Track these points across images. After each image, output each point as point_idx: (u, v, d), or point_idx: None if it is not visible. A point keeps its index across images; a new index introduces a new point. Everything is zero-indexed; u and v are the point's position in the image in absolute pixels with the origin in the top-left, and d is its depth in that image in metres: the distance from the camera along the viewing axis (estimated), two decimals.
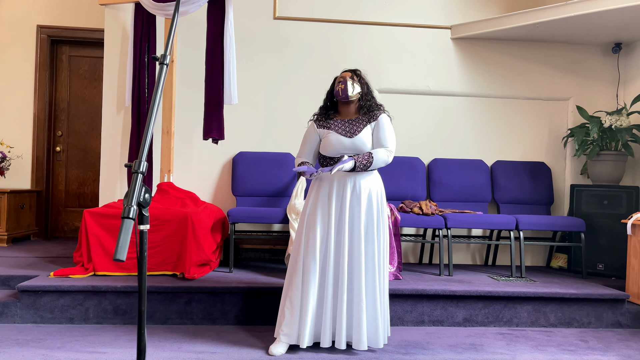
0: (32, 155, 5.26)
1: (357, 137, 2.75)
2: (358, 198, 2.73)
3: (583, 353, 2.91)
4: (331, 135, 2.78)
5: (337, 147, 2.75)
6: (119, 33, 4.40)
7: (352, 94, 2.78)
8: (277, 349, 2.70)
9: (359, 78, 2.84)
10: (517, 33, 4.41)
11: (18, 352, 2.60)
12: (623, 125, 4.14)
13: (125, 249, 1.08)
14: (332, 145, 2.76)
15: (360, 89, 2.83)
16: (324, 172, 2.71)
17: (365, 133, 2.78)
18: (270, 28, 4.49)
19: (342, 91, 2.78)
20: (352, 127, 2.79)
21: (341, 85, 2.79)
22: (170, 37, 1.41)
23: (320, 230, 2.71)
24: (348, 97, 2.78)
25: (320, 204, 2.75)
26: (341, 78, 2.83)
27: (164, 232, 3.46)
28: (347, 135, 2.76)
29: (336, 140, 2.75)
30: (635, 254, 3.57)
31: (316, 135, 2.87)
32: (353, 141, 2.74)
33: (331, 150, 2.76)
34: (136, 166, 1.22)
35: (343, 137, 2.75)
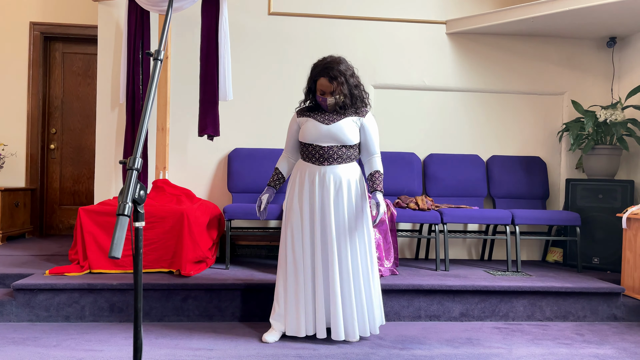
0: (26, 152, 5.23)
1: (335, 125, 2.74)
2: (340, 189, 2.74)
3: (579, 346, 2.92)
4: (309, 122, 2.79)
5: (313, 133, 2.75)
6: (112, 29, 4.37)
7: (332, 109, 2.77)
8: (270, 336, 2.80)
9: (340, 86, 2.71)
10: (513, 28, 4.41)
11: (14, 351, 2.59)
12: (618, 119, 4.15)
13: (120, 247, 1.08)
14: (309, 132, 2.76)
15: (336, 100, 2.74)
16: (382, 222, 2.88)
17: (345, 122, 2.75)
18: (265, 24, 4.47)
19: (324, 105, 2.77)
20: (332, 116, 2.78)
21: (322, 102, 2.75)
22: (164, 33, 1.40)
23: (305, 222, 2.74)
24: (327, 107, 2.77)
25: (304, 196, 2.76)
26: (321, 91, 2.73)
27: (159, 229, 3.44)
28: (325, 122, 2.75)
29: (313, 126, 2.76)
30: (630, 247, 3.58)
31: (297, 125, 2.88)
32: (329, 128, 2.73)
33: (308, 137, 2.76)
34: (131, 163, 1.21)
35: (320, 124, 2.75)
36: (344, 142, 2.74)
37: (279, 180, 2.92)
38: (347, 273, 2.71)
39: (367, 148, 2.85)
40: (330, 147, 2.74)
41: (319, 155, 2.75)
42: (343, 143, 2.75)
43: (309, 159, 2.79)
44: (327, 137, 2.74)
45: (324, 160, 2.74)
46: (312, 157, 2.77)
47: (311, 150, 2.77)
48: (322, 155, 2.74)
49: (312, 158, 2.77)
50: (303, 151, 2.83)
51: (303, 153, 2.84)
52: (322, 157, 2.74)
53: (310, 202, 2.75)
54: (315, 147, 2.75)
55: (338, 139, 2.73)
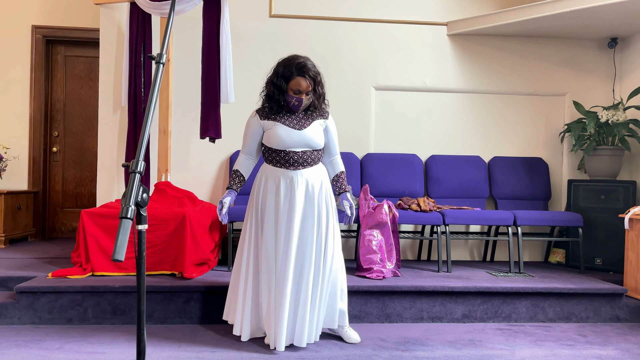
0: (29, 156, 5.24)
1: (306, 130, 2.72)
2: (314, 192, 2.72)
3: (582, 347, 2.92)
4: (278, 128, 2.70)
5: (285, 140, 2.68)
6: (114, 32, 4.38)
7: (305, 105, 2.74)
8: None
9: (314, 84, 2.71)
10: (514, 29, 4.41)
11: (17, 354, 2.60)
12: (620, 120, 4.14)
13: (123, 249, 1.08)
14: (280, 138, 2.68)
15: (313, 98, 2.74)
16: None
17: (314, 127, 2.75)
18: (266, 26, 4.48)
19: (296, 107, 2.71)
20: (301, 120, 2.75)
21: (296, 102, 2.69)
22: (166, 36, 1.41)
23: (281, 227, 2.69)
24: (299, 109, 2.74)
25: (278, 200, 2.71)
26: (297, 89, 2.68)
27: (161, 232, 3.45)
28: (296, 127, 2.72)
29: (285, 132, 2.69)
30: (632, 248, 3.58)
31: (259, 128, 2.78)
32: (302, 134, 2.70)
33: (281, 143, 2.68)
34: (133, 166, 1.21)
35: (291, 130, 2.70)
36: (315, 147, 2.74)
37: (240, 182, 2.84)
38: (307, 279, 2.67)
39: (329, 149, 2.87)
40: (303, 152, 2.71)
41: (293, 161, 2.70)
42: (314, 148, 2.75)
43: (279, 164, 2.72)
44: (300, 143, 2.70)
45: (298, 164, 2.71)
46: (284, 162, 2.71)
47: (283, 156, 2.70)
48: (295, 160, 2.70)
49: (284, 163, 2.71)
50: (271, 156, 2.74)
51: (271, 158, 2.75)
52: (296, 162, 2.70)
53: (285, 207, 2.69)
54: (287, 152, 2.70)
55: (310, 144, 2.72)
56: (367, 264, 3.60)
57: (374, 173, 4.41)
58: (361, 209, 3.81)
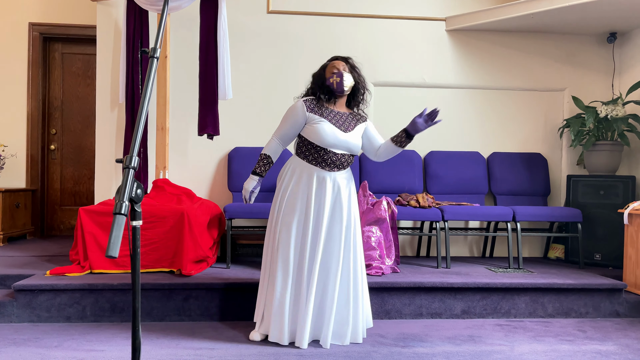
0: (27, 153, 5.23)
1: (351, 134, 2.73)
2: (348, 195, 2.72)
3: (581, 343, 2.91)
4: (325, 125, 2.66)
5: (331, 139, 2.66)
6: (111, 29, 4.36)
7: (346, 89, 2.71)
8: (255, 335, 2.79)
9: (353, 70, 2.76)
10: (512, 24, 4.39)
11: (15, 352, 2.59)
12: (619, 115, 4.13)
13: (117, 246, 1.07)
14: (327, 136, 2.65)
15: (353, 81, 2.74)
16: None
17: (357, 132, 2.76)
18: (264, 22, 4.46)
19: (338, 85, 2.68)
20: (346, 121, 2.75)
21: (336, 78, 2.68)
22: (160, 30, 1.39)
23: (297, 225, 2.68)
24: (344, 91, 2.71)
25: (299, 198, 2.69)
26: (335, 69, 2.71)
27: (160, 229, 3.44)
28: (342, 129, 2.71)
29: (331, 131, 2.66)
30: (632, 243, 3.57)
31: (304, 119, 2.71)
32: (347, 137, 2.70)
33: (325, 142, 2.66)
34: (127, 161, 1.20)
35: (338, 130, 2.69)
36: (355, 152, 2.77)
37: (268, 168, 2.78)
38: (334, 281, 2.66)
39: (374, 145, 2.84)
40: (342, 154, 2.71)
41: (331, 161, 2.69)
42: (353, 153, 2.77)
43: (315, 162, 2.69)
44: (342, 146, 2.69)
45: (334, 166, 2.70)
46: (321, 161, 2.68)
47: (322, 155, 2.67)
48: (334, 161, 2.69)
49: (320, 162, 2.68)
50: (309, 152, 2.71)
51: (308, 154, 2.71)
52: (334, 163, 2.69)
53: (315, 207, 2.67)
54: (328, 152, 2.67)
55: (352, 149, 2.73)
56: (366, 261, 3.59)
57: (372, 169, 4.40)
58: (360, 205, 3.80)
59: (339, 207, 2.70)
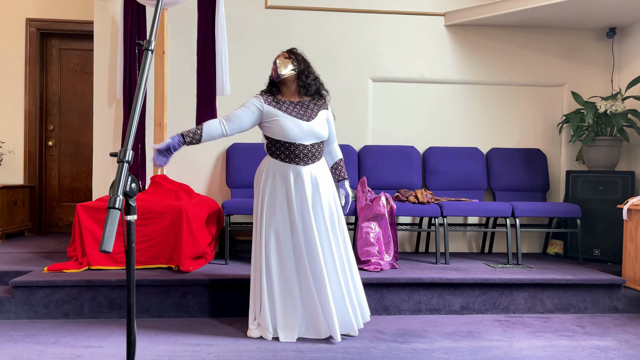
0: (24, 150, 5.21)
1: (315, 121, 2.70)
2: (325, 187, 2.72)
3: (580, 338, 2.91)
4: (286, 120, 2.65)
5: (296, 131, 2.64)
6: (108, 25, 4.34)
7: (283, 73, 2.73)
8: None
9: (293, 56, 2.78)
10: (511, 19, 4.37)
11: (12, 348, 2.58)
12: (618, 110, 4.12)
13: (111, 240, 1.06)
14: (290, 130, 2.64)
15: (294, 67, 2.75)
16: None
17: (320, 118, 2.74)
18: (262, 17, 4.44)
19: (274, 71, 2.75)
20: (306, 110, 2.73)
21: (273, 66, 2.76)
22: (154, 22, 1.38)
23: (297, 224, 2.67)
24: (280, 76, 2.73)
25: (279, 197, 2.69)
26: (274, 62, 2.78)
27: (158, 225, 3.43)
28: (304, 119, 2.69)
29: (294, 123, 2.65)
30: (631, 238, 3.56)
31: (260, 111, 2.70)
32: (310, 125, 2.68)
33: (290, 136, 2.64)
34: (121, 155, 1.19)
35: (300, 121, 2.67)
36: (322, 138, 2.74)
37: (195, 137, 2.60)
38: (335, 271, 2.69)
39: (329, 140, 2.86)
40: (312, 144, 2.70)
41: (303, 155, 2.67)
42: (322, 140, 2.74)
43: (288, 159, 2.67)
44: (309, 135, 2.68)
45: (307, 159, 2.68)
46: (293, 156, 2.66)
47: (293, 150, 2.66)
48: (305, 154, 2.67)
49: (293, 158, 2.66)
50: (279, 150, 2.69)
51: (279, 152, 2.69)
52: (305, 156, 2.67)
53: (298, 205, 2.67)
54: (297, 145, 2.66)
55: (319, 135, 2.71)
56: (365, 257, 3.59)
57: (371, 165, 4.38)
58: (359, 201, 3.79)
59: (319, 200, 2.69)
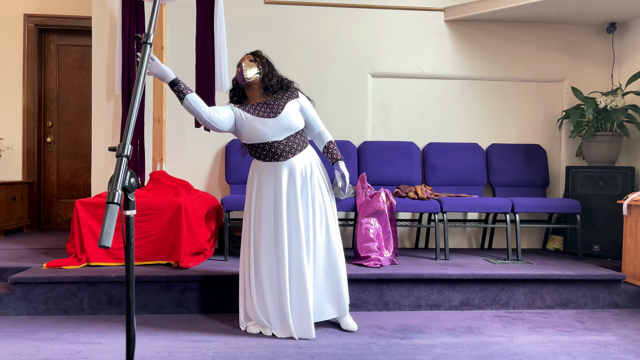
0: (23, 146, 5.19)
1: (281, 115, 2.68)
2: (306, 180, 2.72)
3: (580, 334, 2.91)
4: (253, 122, 2.66)
5: (264, 131, 2.65)
6: (107, 20, 4.32)
7: (249, 76, 2.72)
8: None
9: (258, 59, 2.77)
10: (511, 14, 4.36)
11: (12, 345, 2.57)
12: (618, 105, 4.11)
13: (110, 235, 1.05)
14: (258, 131, 2.65)
15: (258, 70, 2.74)
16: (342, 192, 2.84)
17: (288, 110, 2.70)
18: (261, 13, 4.42)
19: (239, 74, 2.74)
20: (271, 107, 2.71)
21: (237, 69, 2.75)
22: (153, 16, 1.37)
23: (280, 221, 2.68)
24: (245, 79, 2.72)
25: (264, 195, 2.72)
26: (238, 65, 2.77)
27: (157, 221, 3.42)
28: (270, 116, 2.68)
29: (260, 123, 2.66)
30: (631, 234, 3.56)
31: (232, 110, 2.71)
32: (277, 120, 2.67)
33: (260, 137, 2.66)
34: (120, 150, 1.18)
35: (266, 119, 2.67)
36: (295, 129, 2.71)
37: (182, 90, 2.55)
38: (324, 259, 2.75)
39: (312, 126, 2.85)
40: (287, 139, 2.69)
41: (280, 151, 2.68)
42: (295, 130, 2.71)
43: (268, 158, 2.71)
44: (279, 130, 2.67)
45: (286, 154, 2.68)
46: (272, 154, 2.69)
47: (269, 149, 2.68)
48: (282, 150, 2.68)
49: (272, 156, 2.69)
50: (257, 152, 2.73)
51: (258, 154, 2.73)
52: (283, 151, 2.68)
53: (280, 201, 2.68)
54: (271, 144, 2.68)
55: (290, 127, 2.69)
56: (365, 252, 3.58)
57: (371, 161, 4.38)
58: (358, 197, 3.78)
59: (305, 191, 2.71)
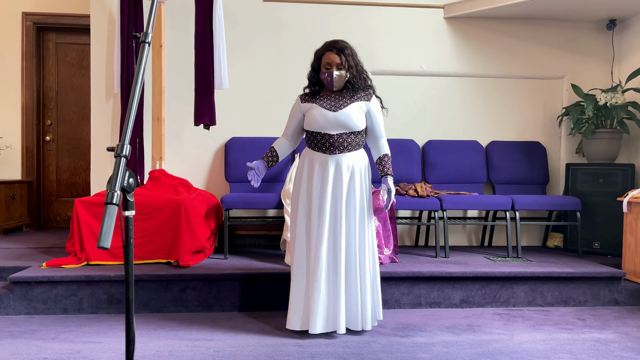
0: (22, 145, 5.18)
1: (342, 112, 2.67)
2: (352, 178, 2.68)
3: (580, 331, 2.91)
4: (315, 110, 2.69)
5: (320, 121, 2.66)
6: (105, 18, 4.30)
7: (338, 85, 2.70)
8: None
9: (345, 58, 2.68)
10: (511, 11, 4.34)
11: (11, 344, 2.57)
12: (618, 102, 4.10)
13: (109, 236, 1.04)
14: (315, 120, 2.67)
15: (346, 75, 2.70)
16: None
17: (351, 108, 2.68)
18: (260, 10, 4.40)
19: (329, 83, 2.69)
20: (337, 101, 2.71)
21: (327, 77, 2.68)
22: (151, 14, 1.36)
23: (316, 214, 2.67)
24: (334, 89, 2.71)
25: (316, 186, 2.69)
26: (327, 64, 2.68)
27: (157, 220, 3.41)
28: (331, 109, 2.68)
29: (319, 114, 2.67)
30: (631, 231, 3.56)
31: (300, 112, 2.79)
32: (336, 115, 2.66)
33: (315, 125, 2.67)
34: (118, 149, 1.17)
35: (326, 111, 2.67)
36: (352, 128, 2.67)
37: (272, 158, 2.82)
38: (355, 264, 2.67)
39: (374, 132, 2.79)
40: (339, 134, 2.67)
41: (329, 144, 2.67)
42: (351, 130, 2.68)
43: (317, 148, 2.71)
44: (335, 125, 2.66)
45: (334, 149, 2.67)
46: (322, 146, 2.69)
47: (320, 139, 2.69)
48: (331, 144, 2.66)
49: (321, 147, 2.69)
50: (310, 140, 2.75)
51: (310, 142, 2.75)
52: (332, 145, 2.66)
53: (322, 192, 2.67)
54: (323, 135, 2.67)
55: (346, 125, 2.66)
56: None
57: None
58: None
59: (341, 189, 2.66)
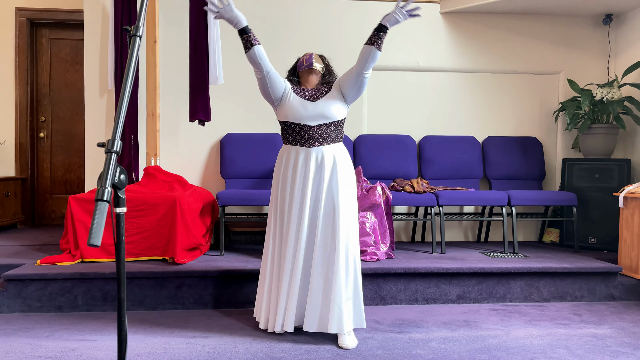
0: (15, 141, 5.14)
1: (321, 101, 2.65)
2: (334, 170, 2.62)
3: (577, 327, 2.91)
4: (294, 102, 2.66)
5: (300, 110, 2.63)
6: (99, 14, 4.26)
7: (316, 66, 2.74)
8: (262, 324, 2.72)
9: (323, 61, 2.83)
10: (507, 6, 4.33)
11: (5, 342, 2.55)
12: (614, 97, 4.10)
13: (99, 234, 1.02)
14: (294, 110, 2.64)
15: (322, 67, 2.79)
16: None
17: (329, 97, 2.67)
18: (255, 6, 4.37)
19: (306, 60, 2.76)
20: (314, 93, 2.71)
21: (305, 56, 2.79)
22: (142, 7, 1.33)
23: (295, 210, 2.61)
24: (312, 64, 2.73)
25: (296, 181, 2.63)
26: (307, 54, 2.81)
27: (152, 217, 3.39)
28: (310, 100, 2.66)
29: (299, 102, 2.65)
30: (627, 226, 3.56)
31: (283, 82, 2.71)
32: (316, 105, 2.64)
33: (293, 116, 2.63)
34: (109, 145, 1.14)
35: (306, 101, 2.65)
36: (331, 118, 2.63)
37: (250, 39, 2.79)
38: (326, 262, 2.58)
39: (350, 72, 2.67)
40: (319, 126, 2.63)
41: (308, 137, 2.62)
42: (331, 120, 2.64)
43: (296, 142, 2.65)
44: (314, 115, 2.62)
45: (313, 141, 2.62)
46: (300, 138, 2.63)
47: (298, 131, 2.64)
48: (311, 135, 2.62)
49: (300, 140, 2.64)
50: (288, 134, 2.68)
51: (288, 136, 2.68)
52: (312, 137, 2.62)
53: (298, 187, 2.62)
54: (302, 127, 2.63)
55: (326, 115, 2.62)
56: (361, 247, 3.56)
57: (367, 155, 4.35)
58: None
59: (321, 183, 2.60)
